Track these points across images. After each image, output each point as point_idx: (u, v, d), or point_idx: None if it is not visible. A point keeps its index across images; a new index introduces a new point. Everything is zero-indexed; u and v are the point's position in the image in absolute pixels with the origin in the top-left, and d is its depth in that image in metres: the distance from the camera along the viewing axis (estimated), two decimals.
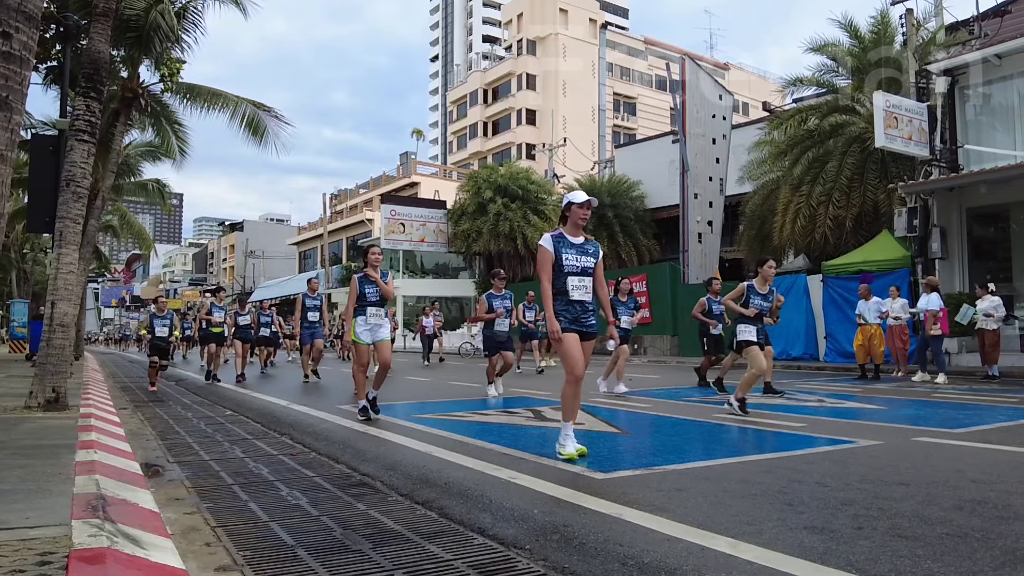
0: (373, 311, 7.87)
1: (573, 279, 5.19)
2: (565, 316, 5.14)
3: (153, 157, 22.77)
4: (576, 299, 5.17)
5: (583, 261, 5.26)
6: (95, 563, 2.69)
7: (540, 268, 5.26)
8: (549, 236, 5.28)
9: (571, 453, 5.11)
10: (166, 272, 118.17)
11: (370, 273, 7.91)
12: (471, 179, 34.83)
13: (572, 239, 5.31)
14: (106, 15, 8.89)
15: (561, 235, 5.32)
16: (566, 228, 5.35)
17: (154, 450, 6.14)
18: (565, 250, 5.23)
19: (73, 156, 8.39)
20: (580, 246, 5.31)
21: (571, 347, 5.12)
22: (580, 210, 5.28)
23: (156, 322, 13.05)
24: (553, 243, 5.25)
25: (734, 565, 2.90)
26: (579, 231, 5.34)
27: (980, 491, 4.11)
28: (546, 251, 5.24)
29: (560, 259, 5.20)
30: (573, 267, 5.21)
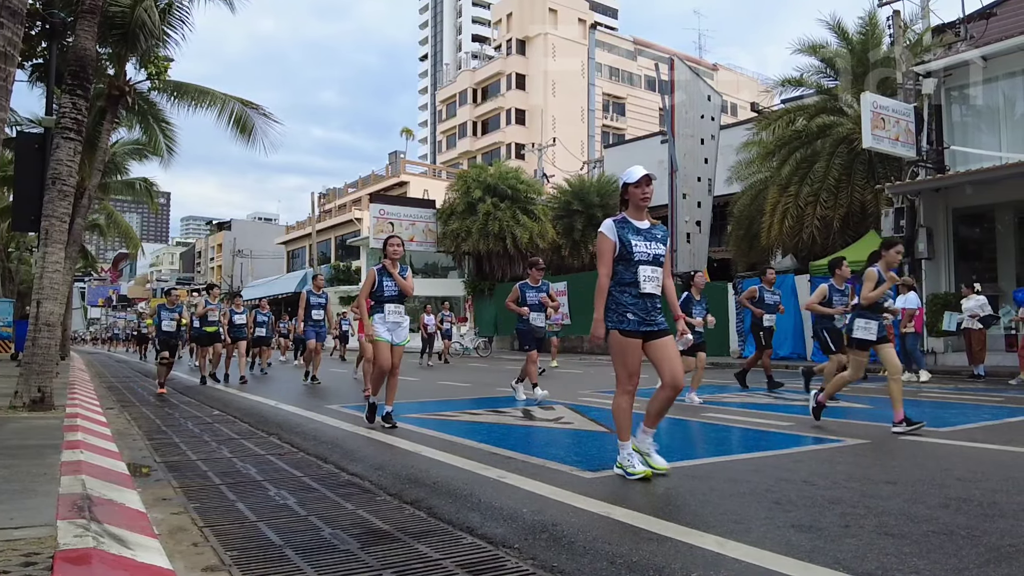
0: (392, 308, 7.15)
1: (645, 269, 4.52)
2: (633, 312, 4.47)
3: (140, 155, 22.63)
4: (648, 292, 4.50)
5: (653, 248, 4.59)
6: (81, 563, 2.67)
7: (599, 258, 4.60)
8: (611, 221, 4.62)
9: (644, 471, 4.50)
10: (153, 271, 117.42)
11: (389, 266, 7.21)
12: (460, 179, 34.78)
13: (637, 223, 4.62)
14: (92, 12, 8.83)
15: (625, 220, 4.63)
16: (629, 212, 4.66)
17: (141, 450, 6.10)
18: (632, 236, 4.54)
19: (59, 154, 8.32)
20: (648, 231, 4.63)
21: (630, 353, 4.50)
22: (639, 190, 4.59)
23: (164, 314, 12.30)
24: (617, 229, 4.56)
25: (722, 563, 2.90)
26: (643, 214, 4.68)
27: (966, 489, 4.14)
28: (606, 239, 4.56)
29: (628, 247, 4.51)
30: (644, 255, 4.54)
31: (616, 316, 4.50)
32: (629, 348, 4.48)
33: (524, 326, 9.78)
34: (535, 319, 9.67)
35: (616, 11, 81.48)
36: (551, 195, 34.52)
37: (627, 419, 4.59)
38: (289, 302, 44.65)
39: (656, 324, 4.53)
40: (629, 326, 4.46)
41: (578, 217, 31.15)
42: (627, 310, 4.48)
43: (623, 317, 4.48)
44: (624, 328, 4.47)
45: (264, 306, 16.74)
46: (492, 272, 32.81)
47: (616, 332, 4.48)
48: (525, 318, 9.66)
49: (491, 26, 72.52)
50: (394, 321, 7.12)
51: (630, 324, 4.46)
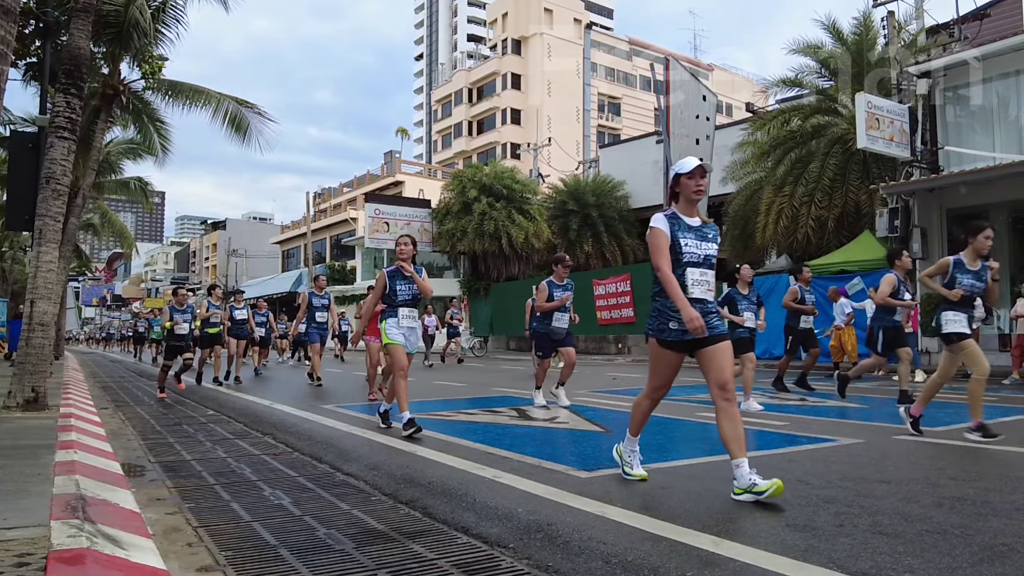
0: (406, 312, 6.69)
1: (694, 272, 4.14)
2: (677, 320, 4.05)
3: (135, 155, 22.54)
4: (697, 297, 4.11)
5: (704, 248, 4.20)
6: (74, 564, 2.66)
7: (656, 252, 4.16)
8: (662, 216, 4.24)
9: (640, 473, 4.43)
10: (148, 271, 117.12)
11: (403, 267, 6.76)
12: (456, 178, 34.77)
13: (688, 220, 4.23)
14: (86, 11, 8.80)
15: (675, 215, 4.24)
16: (679, 206, 4.27)
17: (135, 450, 6.08)
18: (682, 234, 4.16)
19: (53, 153, 8.29)
20: (699, 229, 4.24)
21: (666, 364, 4.23)
22: (692, 182, 4.19)
23: (176, 316, 11.61)
24: (669, 224, 4.19)
25: (716, 563, 2.91)
26: (695, 209, 4.28)
27: (959, 488, 4.16)
28: (661, 232, 4.17)
29: (677, 246, 4.13)
30: (693, 256, 4.15)
31: (657, 323, 4.18)
32: (664, 359, 4.22)
33: (542, 328, 8.87)
34: (559, 319, 8.84)
35: (611, 11, 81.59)
36: (546, 195, 34.51)
37: (643, 418, 4.45)
38: (284, 302, 44.64)
39: (712, 328, 4.09)
40: (670, 336, 4.11)
41: (573, 217, 31.15)
42: (670, 318, 4.10)
43: (664, 326, 4.13)
44: (664, 338, 4.14)
45: (262, 306, 16.51)
46: (487, 272, 32.81)
47: (654, 340, 4.20)
48: (546, 322, 8.85)
49: (487, 26, 72.51)
50: (408, 326, 6.71)
51: (671, 334, 4.10)
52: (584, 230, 30.83)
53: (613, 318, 24.98)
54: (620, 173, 32.68)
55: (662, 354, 4.21)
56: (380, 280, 6.79)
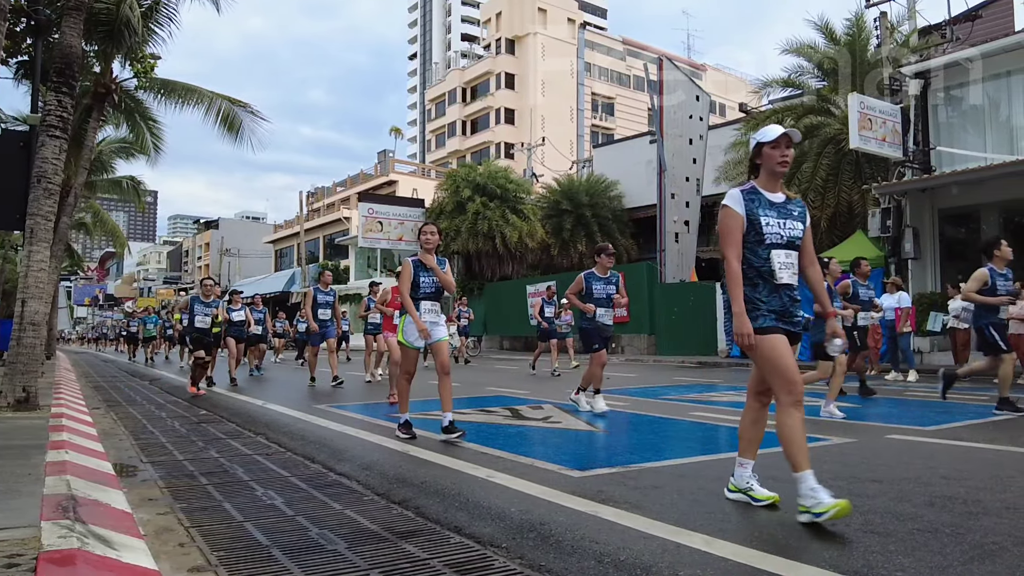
0: (428, 306, 6.36)
1: (779, 254, 3.66)
2: (768, 308, 3.63)
3: (127, 154, 22.47)
4: (784, 282, 3.65)
5: (789, 228, 3.71)
6: (65, 564, 2.65)
7: (725, 237, 3.68)
8: (738, 192, 3.74)
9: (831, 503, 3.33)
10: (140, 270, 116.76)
11: (425, 259, 6.36)
12: (449, 178, 34.74)
13: (770, 195, 3.75)
14: (78, 9, 8.77)
15: (755, 190, 3.75)
16: (760, 180, 3.80)
17: (127, 450, 6.06)
18: (763, 211, 3.68)
19: (44, 152, 8.26)
20: (782, 206, 3.75)
21: (781, 352, 3.59)
22: (775, 152, 3.70)
23: (198, 308, 11.23)
24: (745, 201, 3.69)
25: (709, 562, 2.91)
26: (779, 184, 3.81)
27: (950, 487, 4.17)
28: (734, 213, 3.68)
29: (758, 225, 3.65)
30: (776, 236, 3.66)
31: (749, 314, 3.65)
32: (779, 346, 3.60)
33: (589, 324, 8.22)
34: (603, 315, 8.11)
35: (605, 11, 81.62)
36: (540, 195, 34.52)
37: (803, 440, 3.55)
38: (277, 301, 44.50)
39: (795, 324, 3.69)
40: (766, 322, 3.61)
41: (567, 217, 31.15)
42: (759, 305, 3.64)
43: (756, 314, 3.64)
44: (761, 325, 3.61)
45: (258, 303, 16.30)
46: (481, 271, 32.82)
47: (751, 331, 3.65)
48: (590, 315, 8.13)
49: (480, 25, 72.48)
50: (430, 321, 6.34)
51: (767, 320, 3.62)
52: (578, 230, 30.84)
53: None
54: (614, 173, 32.71)
55: (773, 342, 3.60)
56: (406, 269, 6.36)
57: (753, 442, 3.91)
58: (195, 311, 11.22)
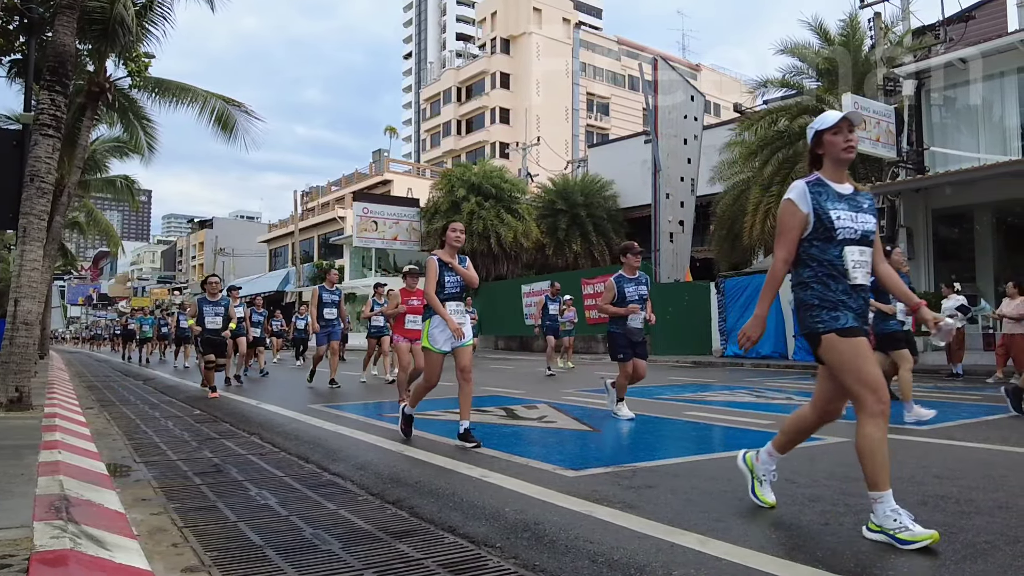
0: (453, 306, 5.96)
1: (852, 250, 3.29)
2: (847, 307, 3.28)
3: (121, 153, 22.37)
4: (859, 283, 3.30)
5: (862, 222, 3.35)
6: (57, 565, 2.64)
7: (782, 235, 3.37)
8: (803, 185, 3.38)
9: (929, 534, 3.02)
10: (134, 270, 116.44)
11: (445, 258, 6.03)
12: (444, 177, 34.72)
13: (837, 187, 3.40)
14: (71, 7, 8.73)
15: (821, 181, 3.40)
16: (826, 171, 3.44)
17: (120, 450, 6.05)
18: (832, 204, 3.32)
19: (37, 151, 8.23)
20: (851, 198, 3.40)
21: (867, 357, 3.24)
22: (838, 138, 3.38)
23: (206, 309, 10.84)
24: (811, 195, 3.34)
25: (703, 561, 2.92)
26: (844, 173, 3.46)
27: (943, 487, 4.19)
28: (795, 210, 3.34)
29: (827, 220, 3.29)
30: (849, 231, 3.30)
31: (827, 313, 3.28)
32: (858, 351, 3.21)
33: (618, 328, 7.51)
34: (634, 320, 7.46)
35: (600, 11, 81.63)
36: (535, 194, 34.53)
37: (884, 457, 3.20)
38: (271, 301, 44.41)
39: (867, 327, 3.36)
40: (849, 322, 3.24)
41: (562, 216, 31.19)
42: (838, 306, 3.28)
43: (837, 313, 3.26)
44: (843, 326, 3.23)
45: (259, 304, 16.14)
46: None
47: (833, 335, 3.25)
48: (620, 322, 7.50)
49: (475, 25, 72.50)
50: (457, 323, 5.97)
51: (849, 320, 3.25)
52: (573, 229, 30.88)
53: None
54: (609, 173, 32.77)
55: (853, 345, 3.23)
56: (431, 268, 5.97)
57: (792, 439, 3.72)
58: (204, 312, 10.87)
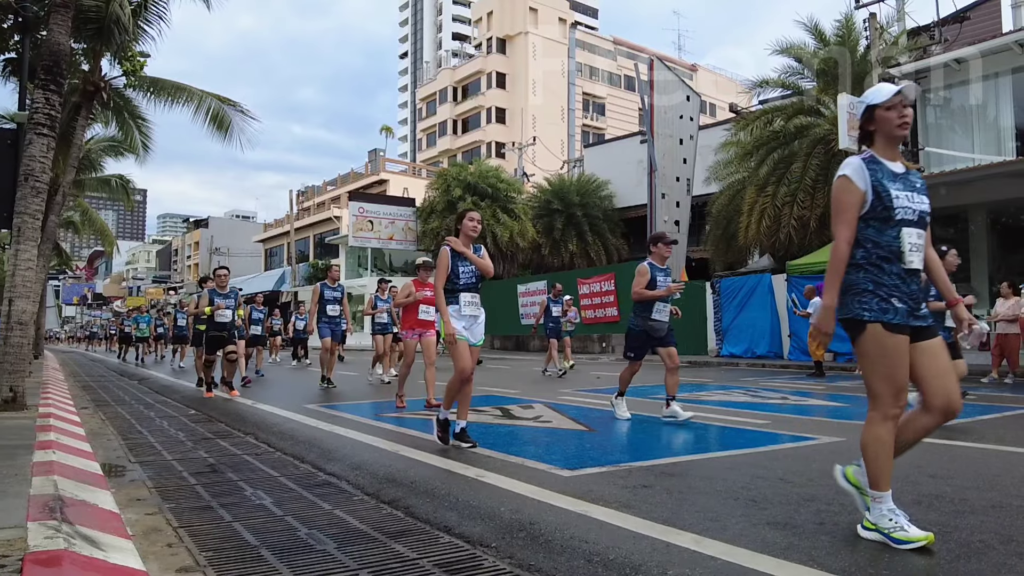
0: (468, 298, 5.69)
1: (910, 232, 3.09)
2: (900, 297, 3.06)
3: (116, 152, 22.33)
4: (914, 267, 3.10)
5: (917, 202, 3.14)
6: (51, 565, 2.63)
7: (840, 214, 3.13)
8: (859, 161, 3.16)
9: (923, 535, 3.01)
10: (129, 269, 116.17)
11: (457, 246, 5.77)
12: (440, 177, 34.73)
13: (891, 165, 3.18)
14: (66, 6, 8.70)
15: (874, 159, 3.18)
16: (878, 148, 3.23)
17: (115, 450, 6.03)
18: (888, 182, 3.11)
19: (32, 150, 8.20)
20: (905, 177, 3.19)
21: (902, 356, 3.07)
22: (891, 113, 3.16)
23: (218, 301, 10.36)
24: (868, 171, 3.12)
25: (698, 561, 2.92)
26: (897, 152, 3.24)
27: (937, 486, 4.20)
28: (853, 187, 3.12)
29: (886, 198, 3.08)
30: (907, 211, 3.10)
31: (877, 301, 3.05)
32: (898, 351, 3.05)
33: (640, 325, 7.24)
34: (659, 311, 7.15)
35: (596, 11, 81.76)
36: (531, 194, 34.57)
37: (889, 458, 3.16)
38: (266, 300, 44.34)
39: (924, 317, 3.12)
40: (897, 317, 3.01)
41: (558, 216, 31.21)
42: (891, 293, 3.05)
43: (887, 303, 3.04)
44: (891, 320, 3.02)
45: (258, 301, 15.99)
46: None
47: (879, 326, 3.03)
48: (644, 314, 7.20)
49: (471, 24, 72.48)
50: (471, 315, 5.72)
51: (898, 315, 3.02)
52: (569, 229, 30.91)
53: (597, 317, 25.06)
54: (604, 172, 32.80)
55: (893, 343, 3.04)
56: (443, 258, 5.70)
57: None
58: (213, 303, 10.40)
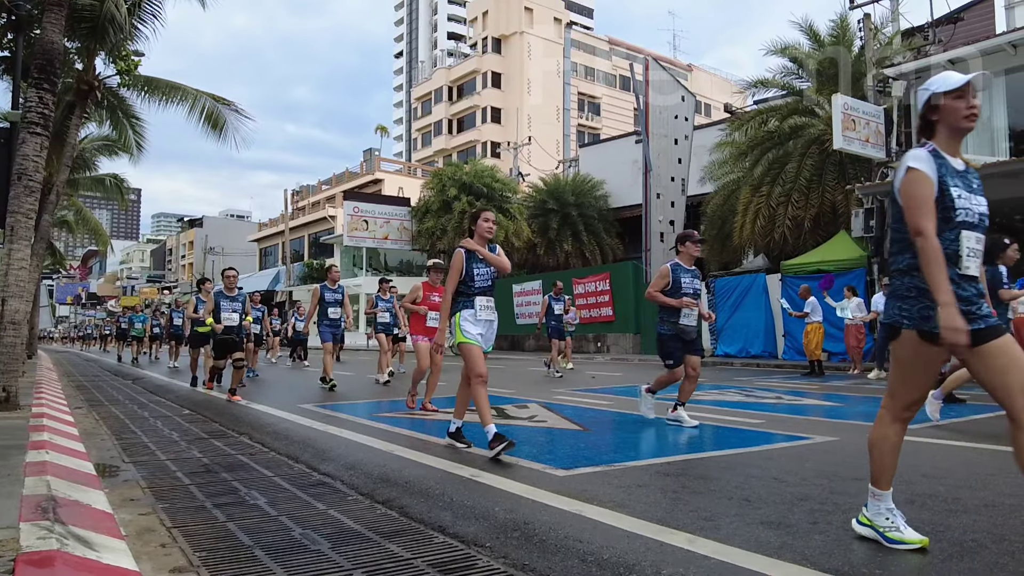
0: (484, 302, 5.50)
1: (969, 236, 2.91)
2: None
3: (110, 151, 22.24)
4: (972, 274, 2.94)
5: (976, 204, 2.96)
6: (43, 566, 2.62)
7: (919, 208, 2.86)
8: (925, 152, 2.96)
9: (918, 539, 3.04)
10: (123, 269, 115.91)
11: (472, 246, 5.56)
12: (435, 176, 34.70)
13: (952, 161, 2.99)
14: (59, 4, 8.67)
15: (937, 152, 2.98)
16: (940, 141, 3.02)
17: (109, 450, 6.01)
18: (951, 179, 2.93)
19: (25, 149, 8.17)
20: (964, 175, 3.01)
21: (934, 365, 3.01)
22: (960, 103, 2.97)
23: (223, 304, 9.97)
24: (936, 165, 2.93)
25: (692, 560, 2.93)
26: (959, 146, 3.06)
27: (931, 485, 4.21)
28: (925, 178, 2.90)
29: (948, 197, 2.90)
30: (968, 213, 2.92)
31: (919, 308, 2.92)
32: (928, 360, 2.97)
33: (669, 330, 6.79)
34: (687, 316, 6.70)
35: (592, 11, 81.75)
36: (526, 194, 34.57)
37: (893, 456, 3.15)
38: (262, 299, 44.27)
39: (985, 318, 2.90)
40: (937, 327, 2.83)
41: (553, 216, 31.21)
42: None
43: (930, 311, 2.86)
44: (930, 329, 2.88)
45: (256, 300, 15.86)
46: None
47: (914, 334, 2.93)
48: (682, 318, 6.70)
49: (467, 24, 72.40)
50: (487, 319, 5.53)
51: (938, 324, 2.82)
52: (564, 229, 30.90)
53: (592, 317, 25.08)
54: (600, 172, 32.80)
55: (926, 353, 2.94)
56: (457, 261, 5.49)
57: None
58: (221, 307, 10.05)
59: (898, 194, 2.99)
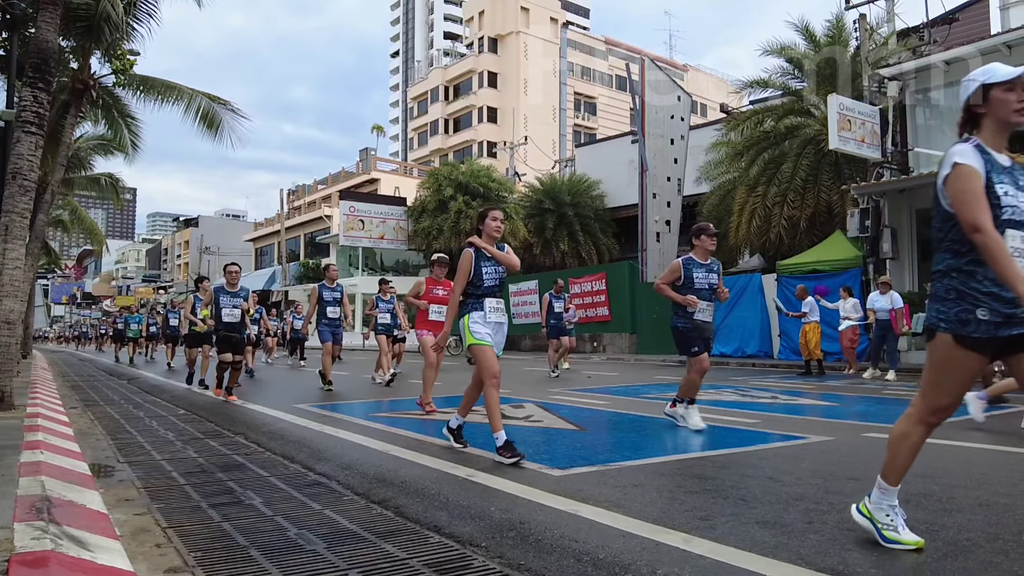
0: (493, 304, 5.37)
1: (1014, 235, 2.77)
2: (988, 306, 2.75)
3: (105, 151, 22.21)
4: None
5: (1022, 200, 2.81)
6: (38, 567, 2.62)
7: (971, 203, 2.72)
8: (971, 147, 2.82)
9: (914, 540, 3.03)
10: (118, 268, 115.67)
11: (481, 244, 5.42)
12: (432, 176, 34.69)
13: (998, 157, 2.86)
14: (54, 3, 8.65)
15: (982, 147, 2.84)
16: (985, 136, 2.89)
17: (104, 450, 6.00)
18: (996, 176, 2.80)
19: (20, 148, 8.15)
20: (1011, 171, 2.87)
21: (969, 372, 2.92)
22: (1011, 96, 2.84)
23: (223, 299, 9.81)
24: (983, 160, 2.80)
25: (687, 560, 2.93)
26: (1004, 141, 2.93)
27: (926, 485, 4.22)
28: (974, 173, 2.77)
29: (993, 195, 2.77)
30: (1014, 211, 2.78)
31: (957, 311, 2.82)
32: (961, 365, 2.86)
33: (685, 323, 6.54)
34: (703, 311, 6.53)
35: (588, 10, 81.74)
36: (523, 194, 34.56)
37: (910, 456, 3.07)
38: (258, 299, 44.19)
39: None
40: (978, 331, 2.75)
41: (549, 216, 31.22)
42: (978, 303, 2.77)
43: (969, 315, 2.78)
44: (967, 333, 2.78)
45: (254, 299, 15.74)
46: None
47: (949, 337, 2.84)
48: (690, 311, 6.49)
49: (463, 24, 72.39)
50: (496, 321, 5.38)
51: (980, 328, 2.75)
52: (560, 229, 30.92)
53: (589, 317, 25.08)
54: (596, 172, 32.83)
55: (960, 358, 2.83)
56: (465, 260, 5.35)
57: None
58: (221, 302, 9.87)
59: (942, 193, 2.87)
